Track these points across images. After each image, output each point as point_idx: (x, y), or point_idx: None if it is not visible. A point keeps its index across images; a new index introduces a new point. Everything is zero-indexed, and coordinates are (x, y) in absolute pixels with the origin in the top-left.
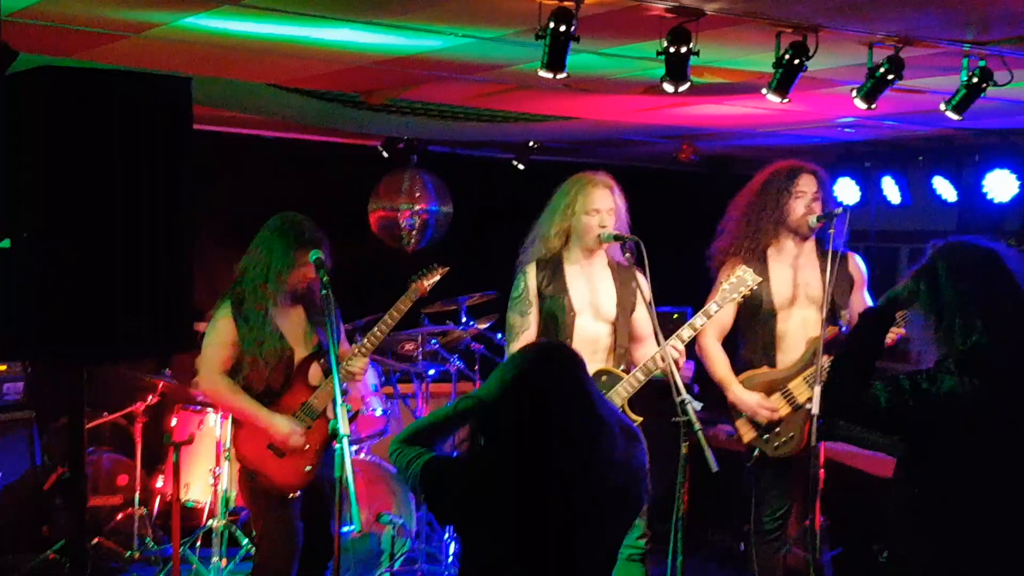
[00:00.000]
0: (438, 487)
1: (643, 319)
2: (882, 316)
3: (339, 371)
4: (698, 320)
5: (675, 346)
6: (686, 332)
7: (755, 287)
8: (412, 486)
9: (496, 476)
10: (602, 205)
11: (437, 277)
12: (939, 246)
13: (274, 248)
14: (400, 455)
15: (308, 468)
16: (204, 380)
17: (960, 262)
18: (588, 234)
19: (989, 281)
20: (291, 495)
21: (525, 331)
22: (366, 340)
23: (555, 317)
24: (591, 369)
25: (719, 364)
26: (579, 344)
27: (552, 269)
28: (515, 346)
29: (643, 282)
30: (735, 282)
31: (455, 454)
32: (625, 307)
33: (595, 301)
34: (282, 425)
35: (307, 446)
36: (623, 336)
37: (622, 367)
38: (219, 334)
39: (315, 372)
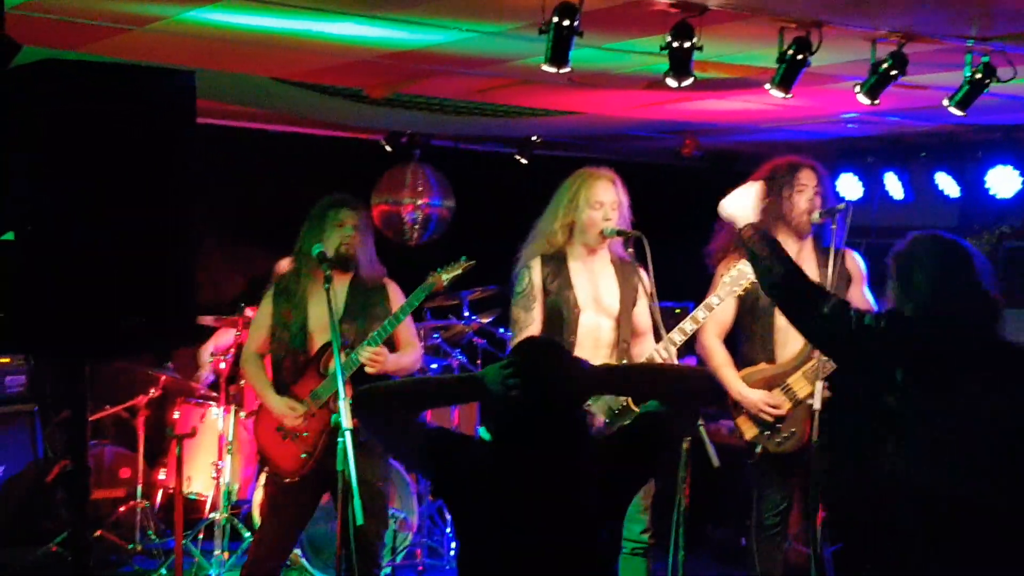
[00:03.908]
0: (446, 459)
1: (643, 314)
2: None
3: (345, 359)
4: (700, 313)
5: (672, 339)
6: (688, 325)
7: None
8: (412, 447)
9: (494, 463)
10: (606, 198)
11: (459, 271)
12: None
13: (312, 216)
14: (375, 401)
15: (304, 455)
16: (242, 359)
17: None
18: (592, 228)
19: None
20: (287, 480)
21: (530, 326)
22: (376, 332)
23: (559, 313)
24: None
25: (721, 362)
26: (583, 339)
27: (556, 265)
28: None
29: (644, 277)
30: (736, 275)
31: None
32: (627, 302)
33: (599, 297)
34: (276, 404)
35: (305, 433)
36: (626, 331)
37: (624, 362)
38: (259, 315)
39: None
